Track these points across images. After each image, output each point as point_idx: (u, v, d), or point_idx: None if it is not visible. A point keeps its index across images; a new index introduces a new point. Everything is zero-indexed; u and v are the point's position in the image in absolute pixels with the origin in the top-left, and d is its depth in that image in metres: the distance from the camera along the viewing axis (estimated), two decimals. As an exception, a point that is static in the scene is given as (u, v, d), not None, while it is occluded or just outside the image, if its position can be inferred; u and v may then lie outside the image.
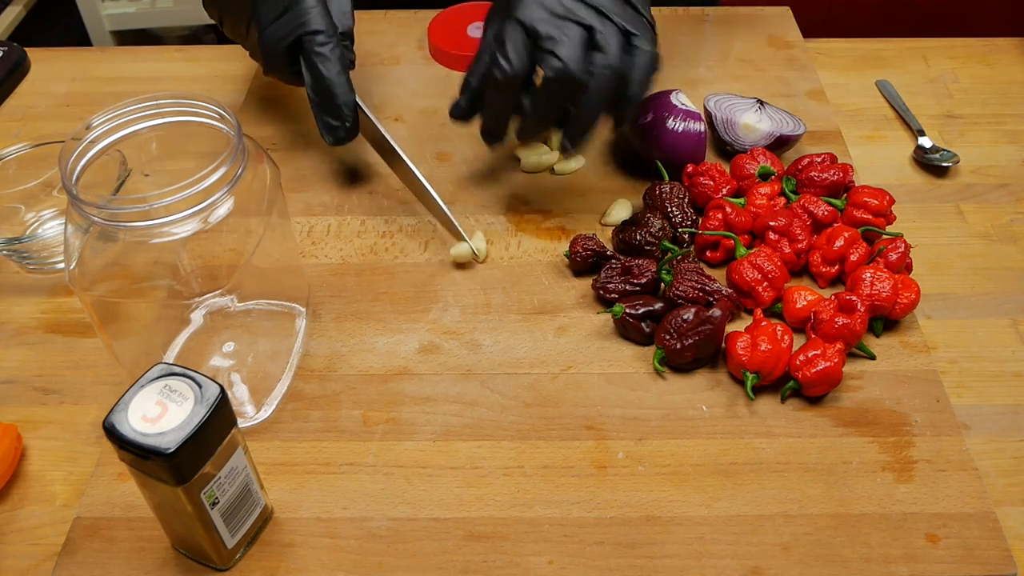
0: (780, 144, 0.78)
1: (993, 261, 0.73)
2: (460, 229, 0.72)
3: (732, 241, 0.69)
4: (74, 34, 2.27)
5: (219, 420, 0.48)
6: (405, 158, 0.74)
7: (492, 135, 0.72)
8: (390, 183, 0.80)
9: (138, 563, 0.55)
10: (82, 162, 0.54)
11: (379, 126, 0.75)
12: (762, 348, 0.61)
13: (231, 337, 0.65)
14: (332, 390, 0.64)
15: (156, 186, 0.52)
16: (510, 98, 0.68)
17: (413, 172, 0.74)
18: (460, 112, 0.72)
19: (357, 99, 0.73)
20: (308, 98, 0.73)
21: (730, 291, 0.66)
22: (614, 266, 0.69)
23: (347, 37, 0.76)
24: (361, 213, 0.77)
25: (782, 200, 0.73)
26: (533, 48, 0.66)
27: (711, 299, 0.65)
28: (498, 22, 0.68)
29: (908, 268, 0.69)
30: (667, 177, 0.75)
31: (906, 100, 0.89)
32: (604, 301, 0.68)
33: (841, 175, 0.73)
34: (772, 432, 0.61)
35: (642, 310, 0.65)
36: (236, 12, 0.75)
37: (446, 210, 0.73)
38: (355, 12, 0.99)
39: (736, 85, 0.89)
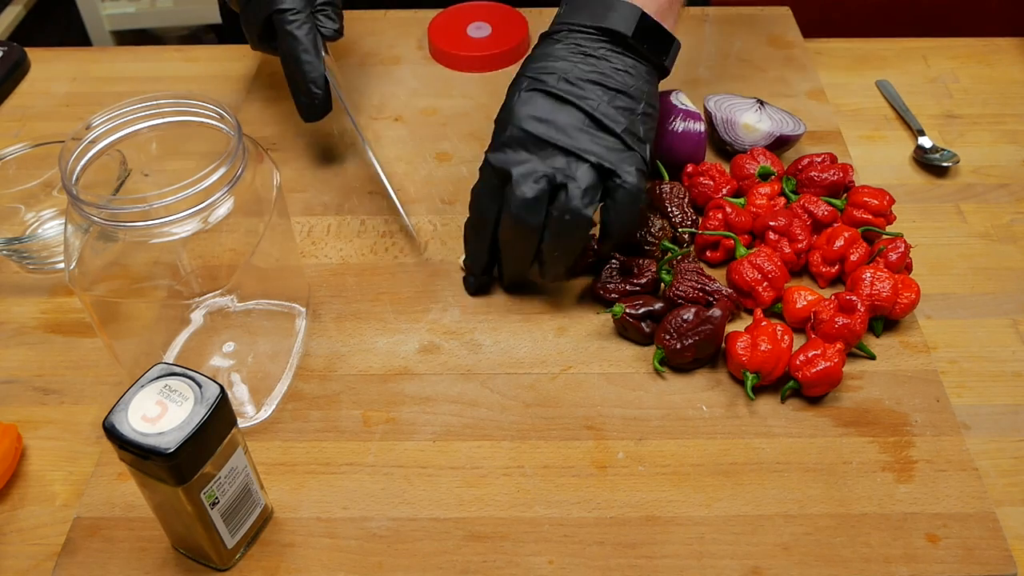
0: (780, 144, 0.78)
1: (993, 261, 0.73)
2: (410, 226, 0.74)
3: (732, 241, 0.69)
4: (74, 34, 2.27)
5: (219, 420, 0.48)
6: (370, 151, 0.75)
7: (471, 279, 0.70)
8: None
9: (138, 563, 0.55)
10: (82, 162, 0.54)
11: (350, 115, 0.76)
12: (762, 348, 0.61)
13: (231, 337, 0.65)
14: (332, 390, 0.64)
15: (156, 186, 0.52)
16: (483, 240, 0.67)
17: (372, 163, 0.74)
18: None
19: (328, 77, 0.74)
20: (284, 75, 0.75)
21: (730, 291, 0.66)
22: (614, 266, 0.69)
23: (329, 5, 0.76)
24: (361, 213, 0.77)
25: (782, 200, 0.73)
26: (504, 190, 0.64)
27: (711, 299, 0.65)
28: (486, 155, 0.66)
29: (908, 268, 0.69)
30: (667, 177, 0.75)
31: (906, 100, 0.89)
32: (604, 301, 0.68)
33: (841, 175, 0.73)
34: (772, 432, 0.61)
35: (642, 310, 0.65)
36: None
37: (399, 207, 0.73)
38: (356, 12, 0.99)
39: (736, 85, 0.89)
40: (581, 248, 0.66)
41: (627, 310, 0.65)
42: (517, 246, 0.65)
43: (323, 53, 0.75)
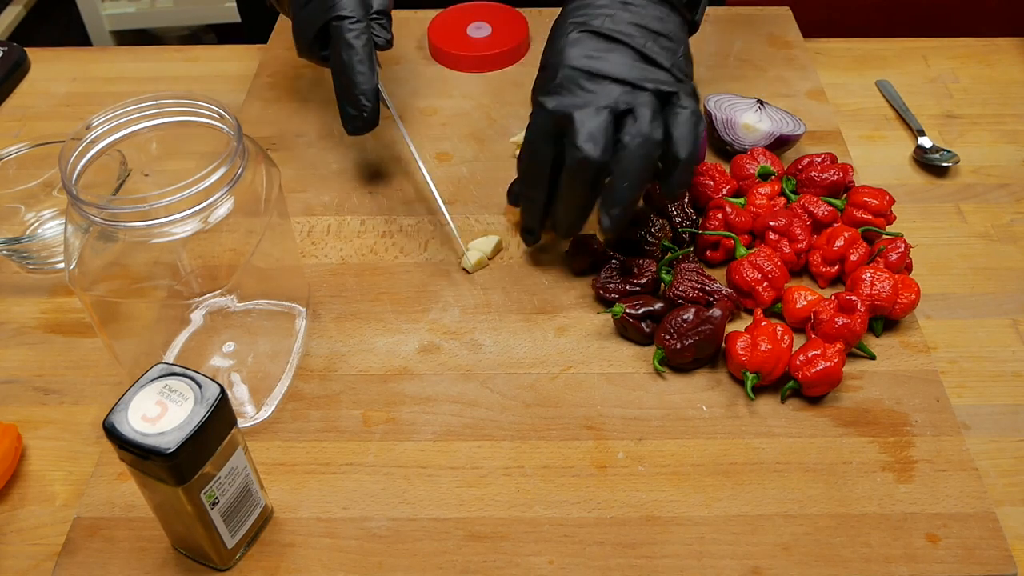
0: (780, 144, 0.78)
1: (993, 261, 0.73)
2: (459, 240, 0.72)
3: (732, 241, 0.69)
4: (74, 34, 2.27)
5: (219, 420, 0.48)
6: (420, 162, 0.74)
7: (527, 232, 0.71)
8: (390, 183, 0.80)
9: (138, 563, 0.55)
10: (82, 162, 0.54)
11: (399, 124, 0.75)
12: (762, 348, 0.61)
13: (231, 337, 0.65)
14: (332, 390, 0.64)
15: (156, 186, 0.52)
16: (540, 189, 0.66)
17: (424, 177, 0.74)
18: (512, 199, 0.72)
19: (381, 89, 0.73)
20: (333, 84, 0.73)
21: (730, 291, 0.66)
22: (614, 266, 0.69)
23: (383, 15, 0.74)
24: (361, 213, 0.77)
25: (782, 200, 0.73)
26: (559, 133, 0.63)
27: (711, 299, 0.65)
28: (533, 104, 0.66)
29: (908, 268, 0.69)
30: (667, 177, 0.75)
31: (906, 100, 0.89)
32: (604, 301, 0.68)
33: (841, 175, 0.73)
34: (772, 432, 0.61)
35: (642, 310, 0.65)
36: None
37: (449, 220, 0.73)
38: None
39: (736, 85, 0.89)
40: (649, 181, 0.64)
41: (627, 310, 0.65)
42: (578, 190, 0.64)
43: (376, 65, 0.73)
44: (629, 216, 0.64)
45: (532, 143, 0.65)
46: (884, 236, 0.70)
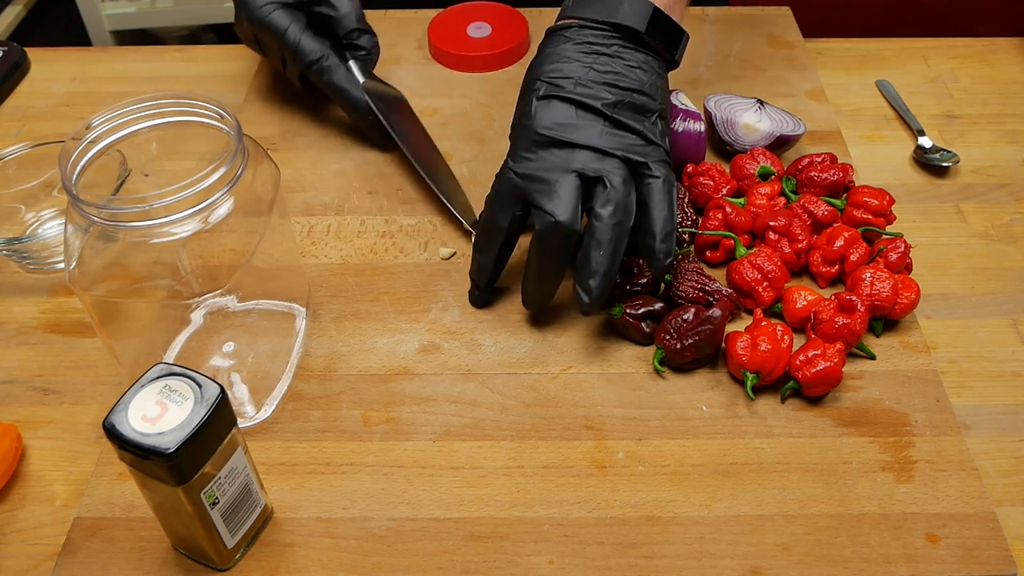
0: (780, 144, 0.78)
1: (993, 261, 0.73)
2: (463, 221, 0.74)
3: (732, 241, 0.69)
4: (74, 34, 2.27)
5: (219, 420, 0.48)
6: (410, 157, 0.77)
7: (475, 291, 0.69)
8: (390, 183, 0.80)
9: (138, 563, 0.55)
10: (82, 162, 0.54)
11: (394, 136, 0.79)
12: (762, 348, 0.61)
13: (231, 337, 0.65)
14: (332, 390, 0.64)
15: (156, 186, 0.52)
16: (491, 252, 0.66)
17: (417, 167, 0.77)
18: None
19: (371, 101, 0.80)
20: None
21: (730, 291, 0.66)
22: (614, 266, 0.69)
23: (357, 31, 0.81)
24: (361, 213, 0.77)
25: (782, 200, 0.73)
26: (522, 203, 0.63)
27: (711, 299, 0.65)
28: (502, 167, 0.65)
29: (908, 268, 0.69)
30: (667, 177, 0.75)
31: (906, 100, 0.89)
32: (604, 301, 0.68)
33: (841, 175, 0.73)
34: (772, 432, 0.61)
35: (642, 310, 0.65)
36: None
37: (450, 207, 0.75)
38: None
39: (736, 85, 0.89)
40: (623, 250, 0.62)
41: (627, 310, 0.65)
42: (548, 257, 0.62)
43: (361, 79, 0.81)
44: (608, 289, 0.62)
45: (493, 204, 0.65)
46: (884, 236, 0.70)
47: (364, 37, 0.82)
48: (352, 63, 0.81)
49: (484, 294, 0.69)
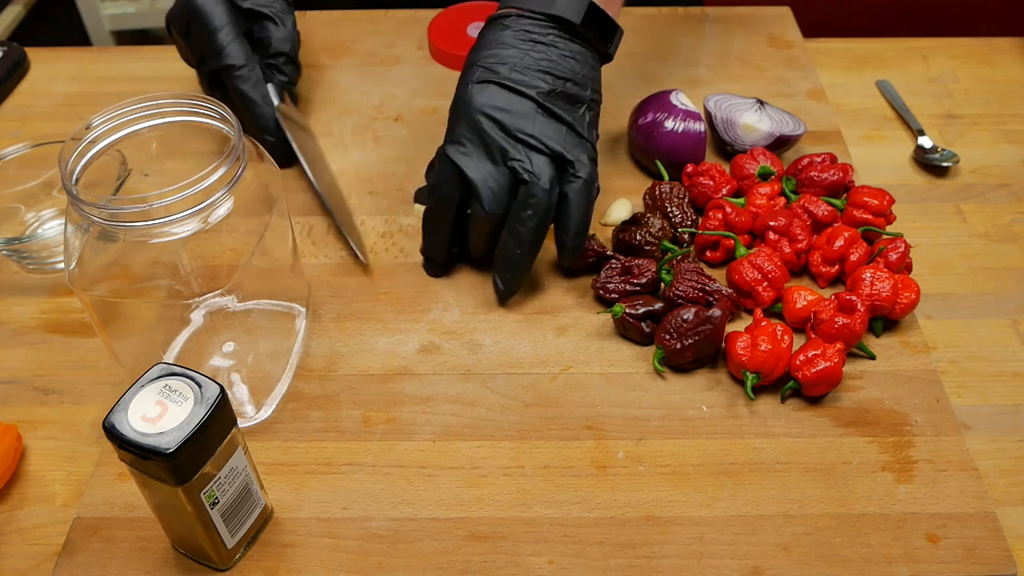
0: (780, 144, 0.78)
1: (993, 261, 0.73)
2: (353, 245, 0.73)
3: (732, 241, 0.69)
4: (74, 34, 2.27)
5: (219, 420, 0.48)
6: (308, 172, 0.77)
7: (431, 263, 0.71)
8: (390, 183, 0.80)
9: (138, 563, 0.55)
10: (82, 162, 0.54)
11: (303, 163, 0.77)
12: (762, 348, 0.61)
13: (231, 337, 0.65)
14: (332, 390, 0.64)
15: (156, 186, 0.52)
16: (444, 231, 0.68)
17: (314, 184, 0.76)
18: (420, 201, 0.73)
19: (282, 123, 0.78)
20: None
21: (730, 291, 0.66)
22: (614, 266, 0.69)
23: (282, 55, 0.80)
24: (361, 213, 0.77)
25: (782, 200, 0.73)
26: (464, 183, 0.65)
27: (711, 299, 0.65)
28: (441, 146, 0.67)
29: (908, 268, 0.69)
30: (667, 177, 0.75)
31: (906, 100, 0.89)
32: (604, 301, 0.68)
33: (841, 175, 0.73)
34: (772, 432, 0.61)
35: (642, 310, 0.65)
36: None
37: (339, 225, 0.74)
38: (356, 11, 1.00)
39: (736, 85, 0.89)
40: (540, 245, 0.66)
41: (627, 310, 0.65)
42: (483, 239, 0.68)
43: (276, 102, 0.79)
44: (522, 280, 0.68)
45: (436, 188, 0.67)
46: (884, 236, 0.70)
47: (291, 67, 0.81)
48: (271, 85, 0.80)
49: (438, 266, 0.71)
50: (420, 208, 0.73)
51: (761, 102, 0.80)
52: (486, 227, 0.66)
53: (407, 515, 0.57)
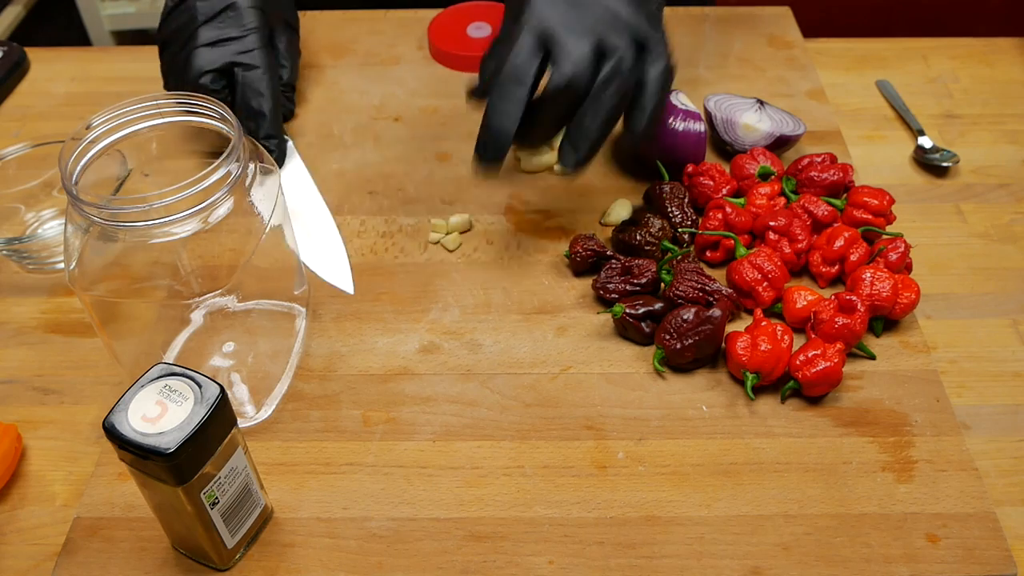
0: (780, 144, 0.78)
1: (993, 261, 0.73)
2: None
3: (732, 241, 0.69)
4: (74, 34, 2.27)
5: (219, 420, 0.48)
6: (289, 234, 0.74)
7: (490, 149, 0.66)
8: (390, 183, 0.80)
9: (138, 563, 0.55)
10: (82, 162, 0.54)
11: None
12: (762, 348, 0.61)
13: (231, 337, 0.65)
14: (332, 390, 0.64)
15: (156, 186, 0.52)
16: (516, 101, 0.65)
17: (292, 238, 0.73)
18: (479, 94, 0.68)
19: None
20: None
21: (730, 291, 0.66)
22: (614, 266, 0.69)
23: (288, 88, 0.83)
24: (361, 213, 0.77)
25: (782, 200, 0.73)
26: (543, 55, 0.64)
27: (711, 299, 0.65)
28: (509, 25, 0.67)
29: (908, 268, 0.69)
30: (667, 177, 0.75)
31: (906, 100, 0.89)
32: (604, 301, 0.68)
33: (841, 175, 0.73)
34: (772, 432, 0.61)
35: (642, 310, 0.65)
36: None
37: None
38: (356, 12, 0.99)
39: (736, 85, 0.89)
40: (614, 124, 0.65)
41: (627, 310, 0.65)
42: (560, 112, 0.65)
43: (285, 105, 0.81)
44: (592, 157, 0.65)
45: (517, 56, 0.64)
46: (884, 236, 0.70)
47: (273, 141, 0.79)
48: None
49: (501, 153, 0.66)
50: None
51: (761, 102, 0.80)
52: (563, 100, 0.64)
53: (407, 515, 0.57)
